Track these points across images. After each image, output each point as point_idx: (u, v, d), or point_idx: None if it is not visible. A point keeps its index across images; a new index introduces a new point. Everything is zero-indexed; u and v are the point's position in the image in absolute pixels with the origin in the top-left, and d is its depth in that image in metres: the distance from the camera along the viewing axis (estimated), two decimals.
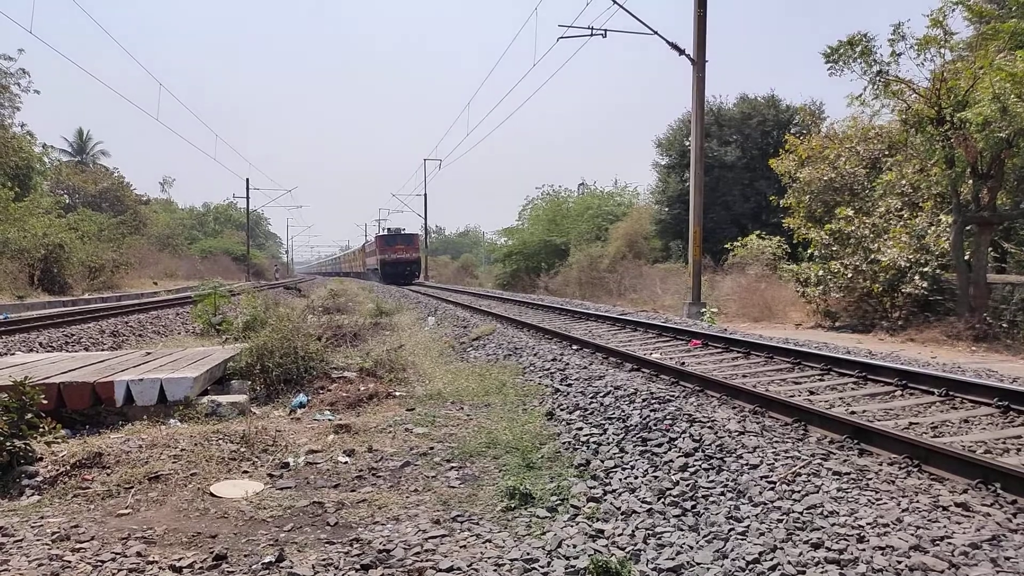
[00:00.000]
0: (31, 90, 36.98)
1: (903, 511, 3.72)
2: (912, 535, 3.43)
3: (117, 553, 3.73)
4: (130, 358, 8.56)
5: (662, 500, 4.44)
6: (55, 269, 26.48)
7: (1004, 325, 12.65)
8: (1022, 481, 3.94)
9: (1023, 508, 3.81)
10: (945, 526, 3.53)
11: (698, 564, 3.53)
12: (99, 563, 3.61)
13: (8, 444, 5.08)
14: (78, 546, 3.83)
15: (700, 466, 4.78)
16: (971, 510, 3.75)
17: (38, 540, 3.91)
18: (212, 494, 4.70)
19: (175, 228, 60.36)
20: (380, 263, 48.10)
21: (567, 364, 8.75)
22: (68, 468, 5.09)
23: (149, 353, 9.22)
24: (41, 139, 39.92)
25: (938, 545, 3.34)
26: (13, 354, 10.28)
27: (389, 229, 50.81)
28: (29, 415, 5.38)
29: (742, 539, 3.73)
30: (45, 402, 6.07)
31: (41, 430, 5.69)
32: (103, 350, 12.10)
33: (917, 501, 3.86)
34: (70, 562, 3.62)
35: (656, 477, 4.78)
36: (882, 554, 3.30)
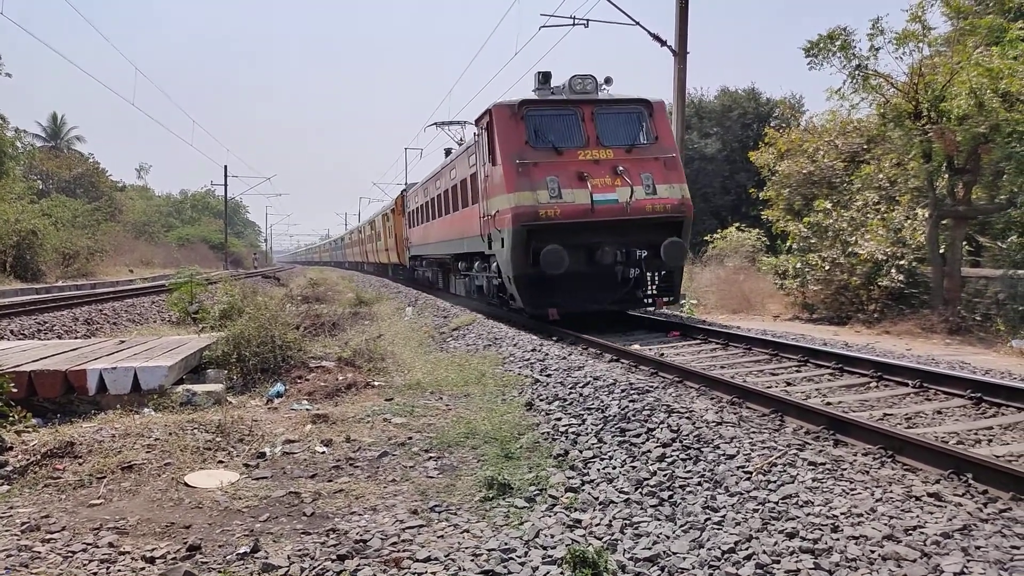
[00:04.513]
0: (2, 73, 36.12)
1: (877, 501, 3.76)
2: (885, 525, 3.47)
3: (88, 544, 3.67)
4: (104, 346, 8.43)
5: (639, 490, 4.45)
6: (28, 256, 26.05)
7: (978, 318, 12.84)
8: (993, 472, 4.00)
9: (994, 498, 3.86)
10: (918, 516, 3.58)
11: (674, 554, 3.55)
12: (70, 554, 3.55)
13: None
14: (48, 536, 3.77)
15: (678, 456, 4.80)
16: (943, 500, 3.80)
17: (7, 531, 3.85)
18: (186, 484, 4.64)
19: (151, 215, 59.67)
20: (513, 241, 10.47)
21: (547, 355, 8.74)
22: (39, 457, 5.00)
23: (123, 341, 9.08)
24: (13, 123, 38.96)
25: (911, 535, 3.38)
26: None
27: (541, 74, 11.70)
28: None
29: (718, 529, 3.75)
30: (15, 390, 5.97)
31: (11, 419, 5.61)
32: (76, 338, 11.91)
33: (891, 491, 3.90)
34: (40, 552, 3.56)
35: (634, 467, 4.79)
36: (856, 544, 3.34)
